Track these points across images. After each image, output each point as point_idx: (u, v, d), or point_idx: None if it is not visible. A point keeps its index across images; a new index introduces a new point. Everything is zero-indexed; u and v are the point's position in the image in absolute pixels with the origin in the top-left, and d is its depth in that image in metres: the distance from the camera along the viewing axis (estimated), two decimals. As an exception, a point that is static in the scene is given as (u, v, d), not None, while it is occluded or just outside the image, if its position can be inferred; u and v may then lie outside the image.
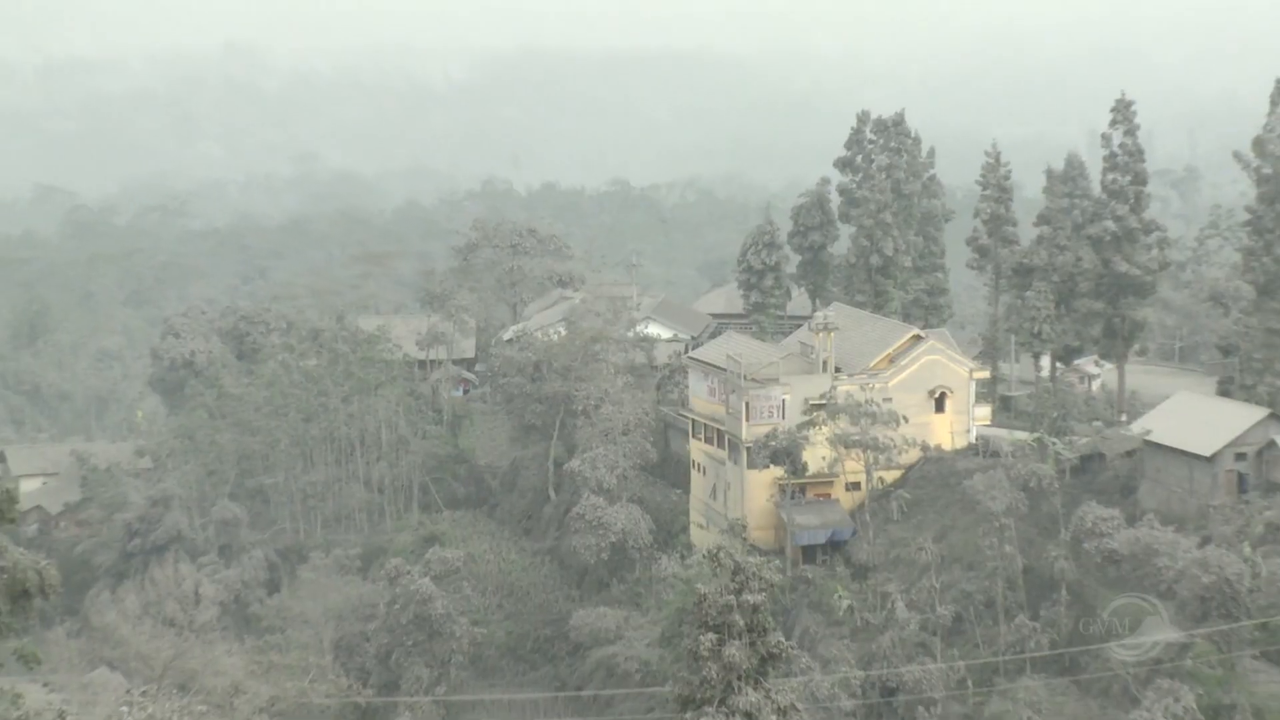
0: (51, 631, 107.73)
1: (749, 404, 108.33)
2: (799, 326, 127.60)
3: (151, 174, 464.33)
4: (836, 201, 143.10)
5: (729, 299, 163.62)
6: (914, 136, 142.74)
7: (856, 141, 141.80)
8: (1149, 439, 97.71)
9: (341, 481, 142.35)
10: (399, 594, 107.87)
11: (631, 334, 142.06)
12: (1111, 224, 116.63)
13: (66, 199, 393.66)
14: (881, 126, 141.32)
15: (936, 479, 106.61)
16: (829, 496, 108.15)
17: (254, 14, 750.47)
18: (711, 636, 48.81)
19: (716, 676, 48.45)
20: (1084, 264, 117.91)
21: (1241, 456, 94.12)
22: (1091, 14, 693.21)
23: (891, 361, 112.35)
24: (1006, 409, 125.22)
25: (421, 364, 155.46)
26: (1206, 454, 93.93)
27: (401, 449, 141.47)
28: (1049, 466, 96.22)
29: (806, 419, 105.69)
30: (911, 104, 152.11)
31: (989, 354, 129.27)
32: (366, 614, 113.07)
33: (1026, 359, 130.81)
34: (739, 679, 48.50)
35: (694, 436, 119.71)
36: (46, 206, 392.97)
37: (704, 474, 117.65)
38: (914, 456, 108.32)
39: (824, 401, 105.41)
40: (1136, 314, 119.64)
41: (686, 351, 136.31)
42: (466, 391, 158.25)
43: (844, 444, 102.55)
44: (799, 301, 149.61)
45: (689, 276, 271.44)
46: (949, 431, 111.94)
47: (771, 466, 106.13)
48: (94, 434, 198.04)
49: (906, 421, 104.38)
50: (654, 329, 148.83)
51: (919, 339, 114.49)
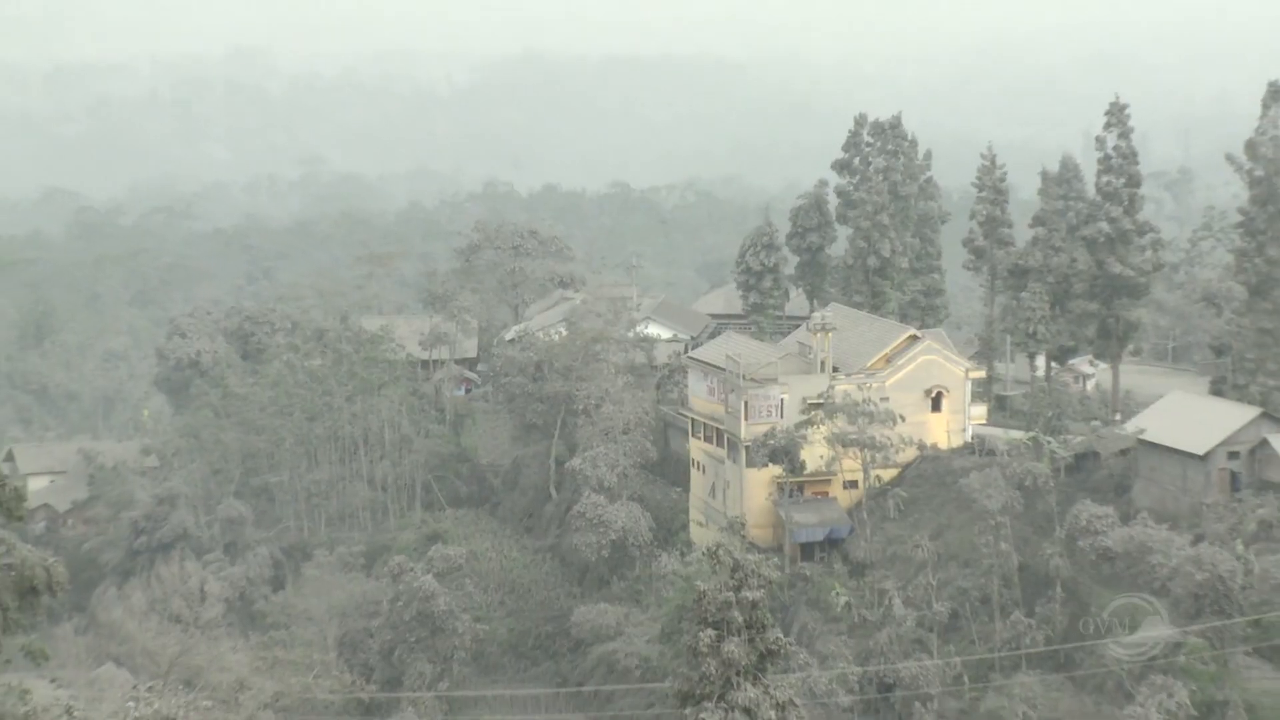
0: (59, 628, 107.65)
1: (748, 403, 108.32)
2: (797, 327, 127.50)
3: (157, 176, 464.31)
4: (834, 203, 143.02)
5: (728, 300, 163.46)
6: (911, 139, 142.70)
7: (854, 144, 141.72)
8: (1143, 438, 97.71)
9: (345, 480, 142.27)
10: (402, 591, 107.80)
11: (632, 334, 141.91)
12: (1106, 226, 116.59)
13: (73, 201, 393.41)
14: (879, 129, 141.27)
15: (933, 477, 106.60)
16: (827, 495, 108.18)
17: (258, 19, 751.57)
18: (711, 633, 48.78)
19: (716, 672, 48.43)
20: (1079, 265, 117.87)
21: (1234, 455, 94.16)
22: (1085, 19, 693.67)
23: (888, 361, 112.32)
24: (1002, 408, 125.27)
25: (424, 364, 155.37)
26: (1200, 453, 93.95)
27: (404, 448, 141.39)
28: (1044, 465, 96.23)
29: (804, 418, 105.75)
30: (908, 107, 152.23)
31: (985, 354, 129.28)
32: (370, 611, 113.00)
33: (1022, 359, 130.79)
34: (738, 675, 48.48)
35: (693, 435, 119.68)
36: (53, 208, 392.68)
37: (703, 472, 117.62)
38: (911, 455, 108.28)
39: (822, 401, 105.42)
40: (1130, 314, 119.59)
41: (686, 351, 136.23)
42: (469, 391, 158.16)
43: (841, 443, 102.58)
44: (797, 302, 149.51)
45: (688, 277, 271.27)
46: (945, 430, 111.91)
47: (770, 465, 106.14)
48: (101, 433, 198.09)
49: (903, 420, 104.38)
50: (654, 329, 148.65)
51: (915, 339, 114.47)
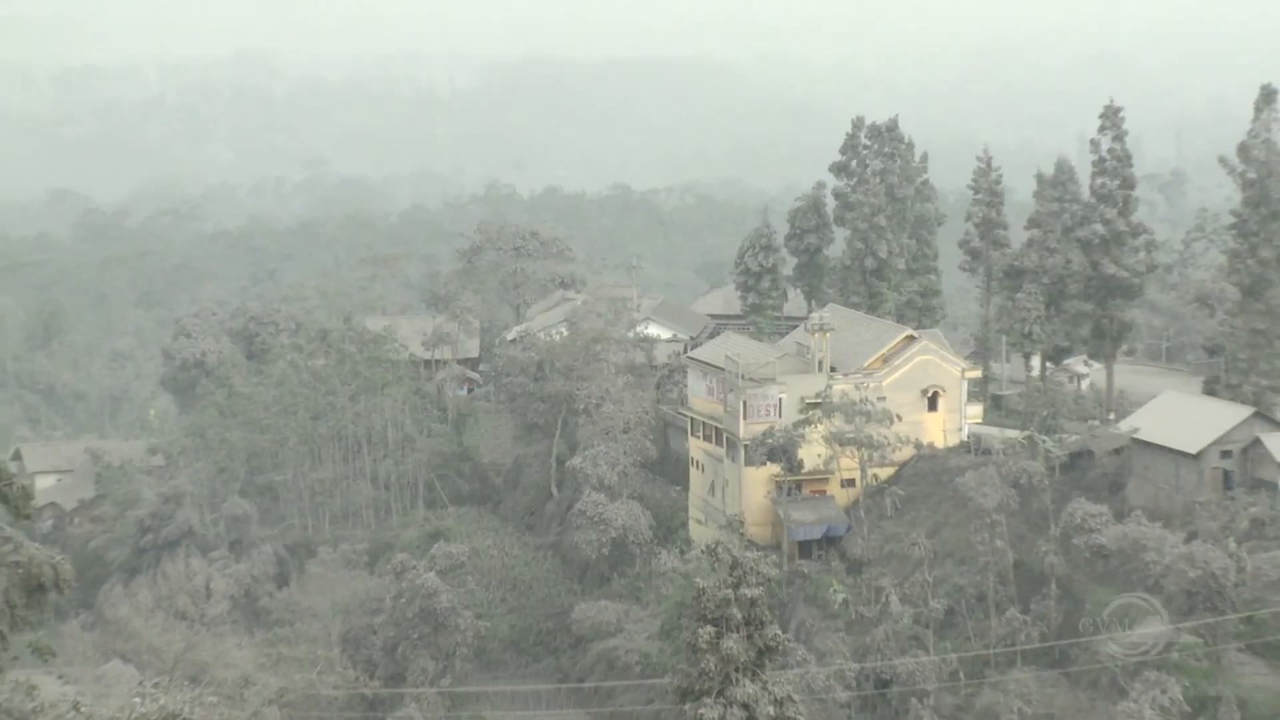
0: (66, 625, 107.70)
1: (746, 403, 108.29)
2: (795, 327, 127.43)
3: (163, 178, 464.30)
4: (832, 205, 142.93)
5: (727, 300, 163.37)
6: (907, 142, 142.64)
7: (851, 147, 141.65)
8: (1137, 437, 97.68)
9: (349, 478, 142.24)
10: (405, 588, 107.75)
11: (632, 334, 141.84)
12: (1100, 227, 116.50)
13: (80, 203, 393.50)
14: (876, 132, 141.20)
15: (929, 476, 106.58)
16: (824, 493, 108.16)
17: (263, 23, 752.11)
18: (710, 629, 48.71)
19: (715, 668, 48.36)
20: (1073, 266, 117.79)
21: (1227, 454, 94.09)
22: (1080, 23, 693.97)
23: (885, 361, 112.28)
24: (998, 408, 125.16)
25: (427, 364, 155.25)
26: (1193, 451, 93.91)
27: (407, 447, 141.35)
28: (1039, 464, 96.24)
29: (802, 417, 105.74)
30: (905, 109, 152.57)
31: (980, 354, 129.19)
32: (373, 608, 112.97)
33: (1017, 359, 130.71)
34: (737, 671, 48.41)
35: (693, 434, 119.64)
36: (60, 210, 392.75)
37: (702, 471, 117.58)
38: (907, 454, 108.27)
39: (820, 400, 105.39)
40: (1124, 315, 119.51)
41: (685, 351, 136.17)
42: (471, 390, 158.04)
43: (839, 442, 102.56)
44: (795, 303, 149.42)
45: (688, 278, 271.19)
46: (941, 430, 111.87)
47: (768, 464, 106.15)
48: (108, 432, 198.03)
49: (900, 420, 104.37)
50: (654, 329, 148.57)
51: (912, 339, 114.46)
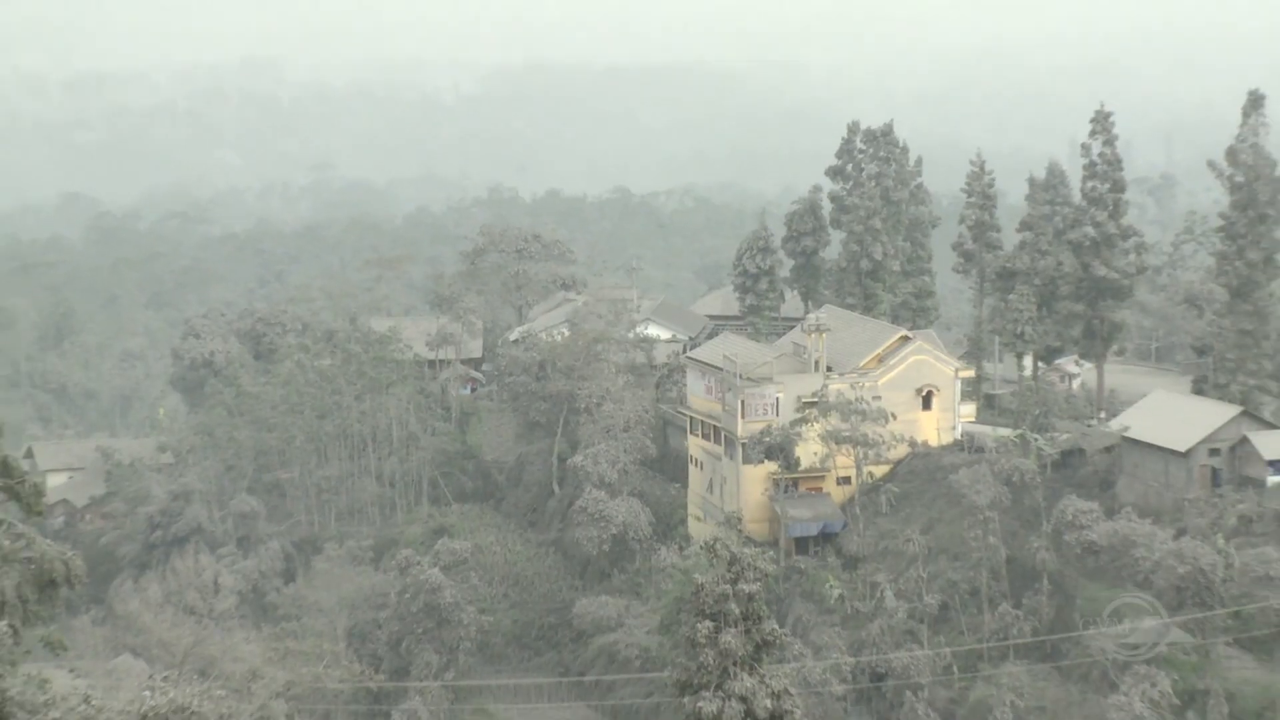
0: (77, 619, 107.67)
1: (744, 402, 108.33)
2: (792, 328, 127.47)
3: (173, 182, 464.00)
4: (828, 208, 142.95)
5: (725, 301, 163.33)
6: (902, 146, 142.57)
7: (847, 151, 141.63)
8: (1127, 435, 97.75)
9: (354, 476, 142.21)
10: (409, 584, 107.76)
11: (632, 335, 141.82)
12: (1091, 230, 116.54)
13: (91, 206, 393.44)
14: (871, 137, 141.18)
15: (924, 474, 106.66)
16: (821, 490, 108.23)
17: (271, 29, 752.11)
18: (708, 624, 48.74)
19: (713, 662, 48.37)
20: (1065, 268, 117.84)
21: (1215, 452, 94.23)
22: (1071, 30, 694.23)
23: (881, 361, 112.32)
24: (990, 406, 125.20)
25: (431, 364, 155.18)
26: (1182, 450, 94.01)
27: (412, 445, 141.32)
28: (1031, 462, 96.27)
29: (799, 416, 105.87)
30: (900, 114, 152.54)
31: (974, 354, 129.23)
32: (378, 603, 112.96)
33: (1010, 359, 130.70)
34: (735, 665, 48.42)
35: (692, 433, 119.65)
36: (72, 213, 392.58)
37: (701, 469, 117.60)
38: (902, 452, 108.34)
39: (816, 399, 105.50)
40: (1115, 316, 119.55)
41: (684, 352, 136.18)
42: (474, 390, 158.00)
43: (835, 440, 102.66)
44: (792, 304, 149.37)
45: (687, 280, 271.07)
46: (935, 428, 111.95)
47: (766, 461, 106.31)
48: (118, 431, 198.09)
49: (895, 419, 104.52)
50: (653, 330, 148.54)
51: (907, 340, 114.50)
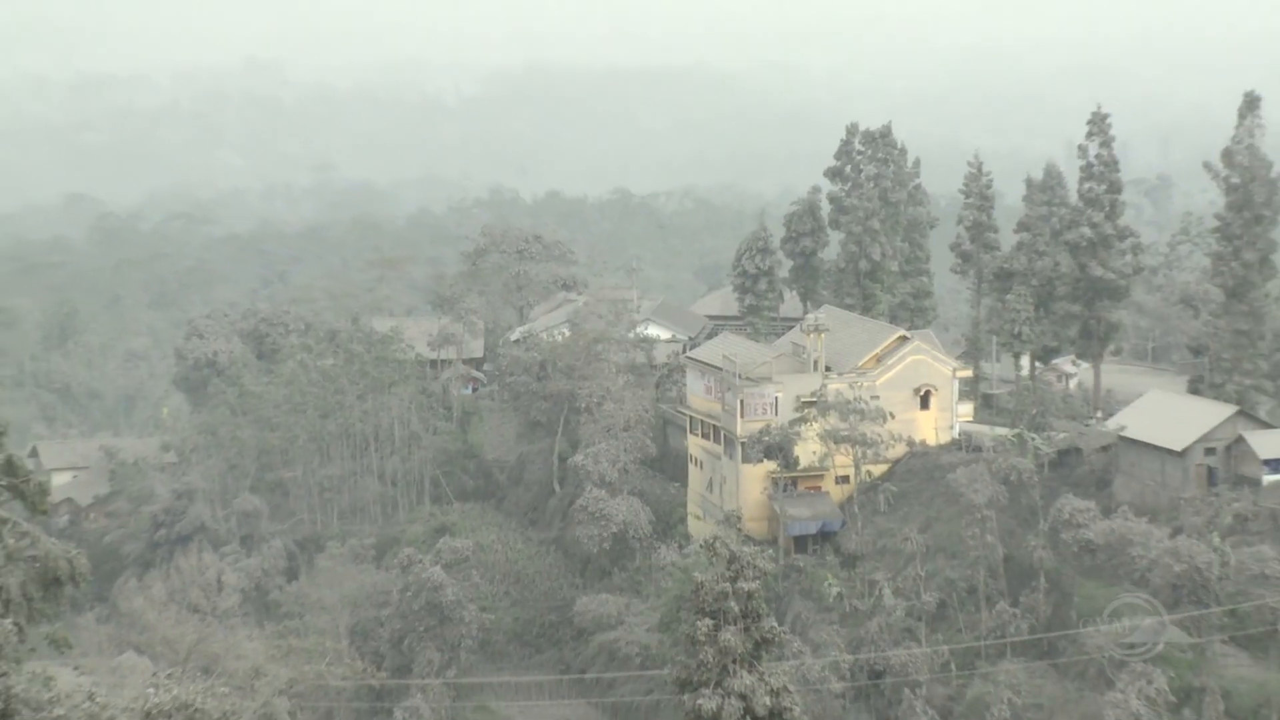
0: (82, 617, 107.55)
1: (744, 401, 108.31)
2: (791, 328, 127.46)
3: (176, 183, 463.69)
4: (827, 209, 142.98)
5: (725, 302, 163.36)
6: (900, 148, 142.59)
7: (846, 152, 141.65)
8: (1123, 435, 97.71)
9: (357, 475, 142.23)
10: (411, 582, 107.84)
11: (632, 335, 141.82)
12: (1088, 230, 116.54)
13: (95, 207, 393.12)
14: (869, 138, 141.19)
15: (921, 473, 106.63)
16: (819, 489, 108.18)
17: (273, 31, 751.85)
18: (708, 622, 48.76)
19: (713, 660, 48.40)
20: (1061, 269, 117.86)
21: (1211, 451, 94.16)
22: (1068, 32, 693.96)
23: (879, 361, 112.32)
24: (988, 406, 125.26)
25: (433, 363, 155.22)
26: (1178, 449, 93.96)
27: (414, 444, 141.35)
28: (1028, 461, 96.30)
29: (798, 415, 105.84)
30: (898, 116, 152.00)
31: (971, 354, 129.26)
32: (380, 601, 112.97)
33: (1007, 359, 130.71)
34: (734, 662, 48.44)
35: (691, 432, 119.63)
36: (76, 214, 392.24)
37: (701, 468, 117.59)
38: (900, 451, 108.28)
39: (815, 399, 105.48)
40: (1111, 316, 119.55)
41: (684, 351, 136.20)
42: (475, 390, 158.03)
43: (834, 439, 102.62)
44: (791, 304, 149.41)
45: (686, 280, 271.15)
46: (933, 427, 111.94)
47: (765, 461, 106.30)
48: (122, 430, 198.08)
49: (893, 418, 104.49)
50: (653, 330, 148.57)
51: (905, 340, 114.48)
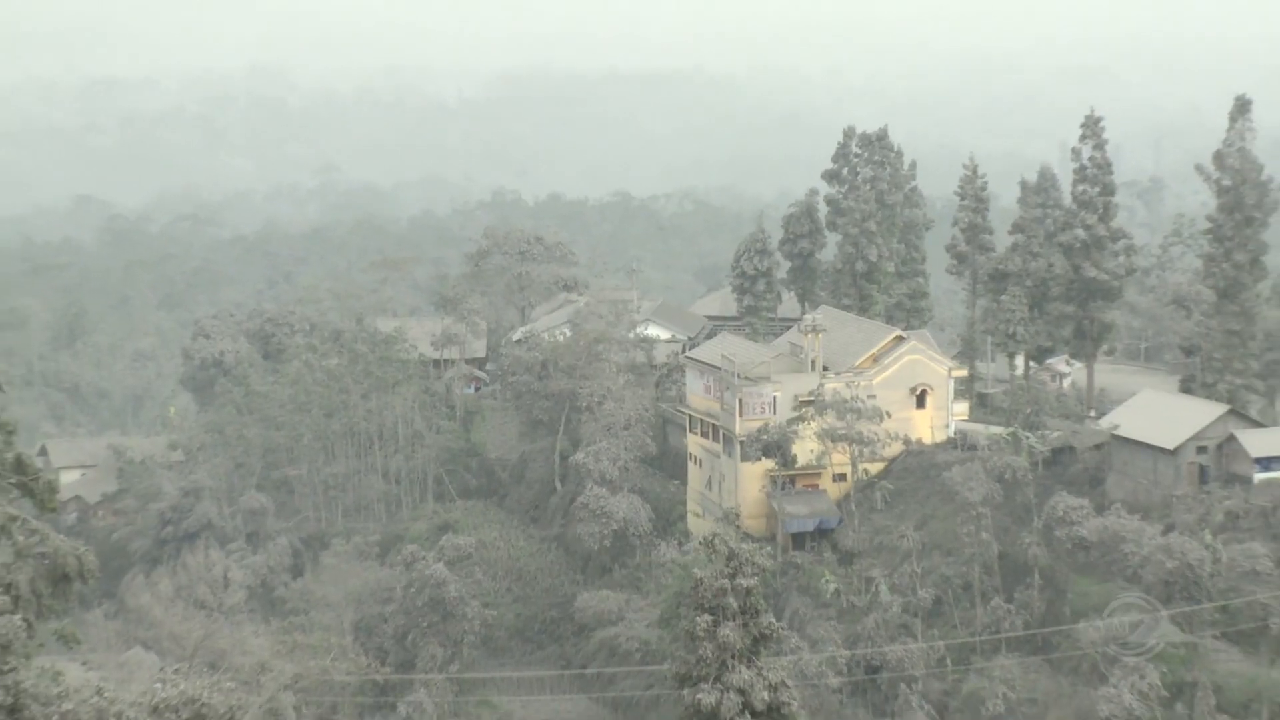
0: (90, 613, 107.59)
1: (742, 400, 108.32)
2: (789, 328, 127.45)
3: (183, 185, 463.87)
4: (824, 211, 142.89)
5: (724, 302, 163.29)
6: (897, 150, 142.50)
7: (843, 155, 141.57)
8: (1116, 433, 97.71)
9: (361, 473, 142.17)
10: (414, 578, 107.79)
11: (632, 335, 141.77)
12: (1081, 232, 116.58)
13: (103, 209, 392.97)
14: (866, 141, 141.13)
15: (917, 471, 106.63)
16: (817, 487, 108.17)
17: (279, 36, 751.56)
18: (707, 618, 48.78)
19: (712, 655, 48.42)
20: (1056, 270, 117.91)
21: (1203, 450, 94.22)
22: (1063, 37, 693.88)
23: (875, 361, 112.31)
24: (983, 405, 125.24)
25: (436, 363, 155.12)
26: (1170, 447, 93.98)
27: (417, 443, 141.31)
28: (1023, 459, 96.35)
29: (796, 414, 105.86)
30: (894, 119, 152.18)
31: (967, 354, 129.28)
32: (384, 597, 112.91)
33: (1002, 358, 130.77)
34: (733, 658, 48.46)
35: (691, 431, 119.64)
36: (85, 216, 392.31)
37: (700, 466, 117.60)
38: (896, 450, 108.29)
39: (812, 398, 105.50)
40: (1105, 316, 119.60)
41: (684, 351, 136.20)
42: (478, 389, 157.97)
43: (831, 438, 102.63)
44: (789, 305, 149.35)
45: (686, 281, 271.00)
46: (929, 426, 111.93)
47: (763, 459, 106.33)
48: (130, 429, 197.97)
49: (889, 417, 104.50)
50: (653, 330, 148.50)
51: (901, 340, 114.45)
